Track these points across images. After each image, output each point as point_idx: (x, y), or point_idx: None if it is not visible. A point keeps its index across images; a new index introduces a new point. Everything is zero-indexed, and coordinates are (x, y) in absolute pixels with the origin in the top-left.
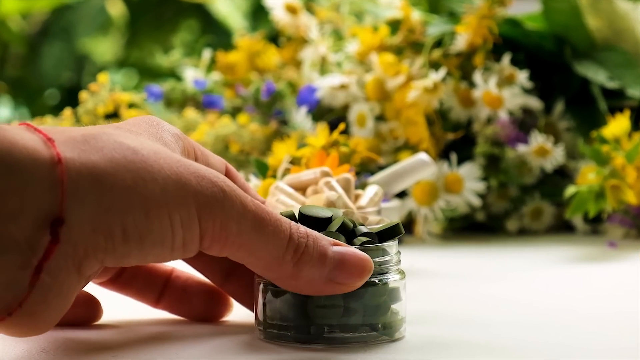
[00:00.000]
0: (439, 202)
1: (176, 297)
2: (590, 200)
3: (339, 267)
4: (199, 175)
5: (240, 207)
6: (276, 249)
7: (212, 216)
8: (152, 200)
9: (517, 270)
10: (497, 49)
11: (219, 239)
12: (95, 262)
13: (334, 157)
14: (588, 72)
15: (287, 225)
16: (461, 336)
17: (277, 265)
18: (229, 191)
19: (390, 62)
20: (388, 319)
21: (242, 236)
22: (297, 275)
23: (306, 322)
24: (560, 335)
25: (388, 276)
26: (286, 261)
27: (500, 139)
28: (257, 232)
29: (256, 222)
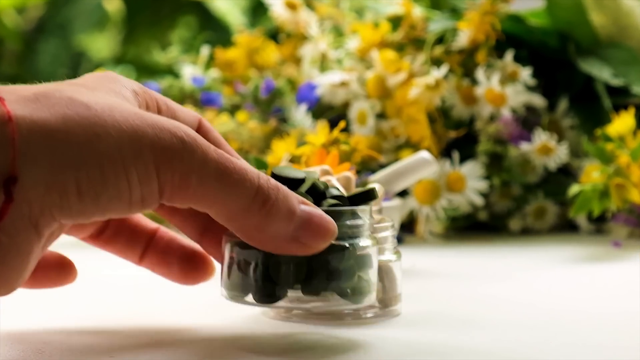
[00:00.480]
0: (440, 201)
1: (157, 258)
2: (594, 199)
3: (304, 226)
4: (157, 126)
5: (201, 156)
6: (242, 199)
7: (171, 168)
8: (106, 155)
9: (520, 270)
10: (499, 46)
11: (179, 191)
12: (51, 220)
13: (334, 155)
14: (592, 69)
15: (255, 175)
16: (463, 337)
17: (242, 215)
18: (189, 141)
19: (391, 58)
20: (355, 284)
21: (205, 187)
22: (263, 228)
23: (270, 283)
24: (563, 335)
25: (357, 241)
26: (253, 211)
27: (503, 137)
28: (221, 182)
29: (219, 171)
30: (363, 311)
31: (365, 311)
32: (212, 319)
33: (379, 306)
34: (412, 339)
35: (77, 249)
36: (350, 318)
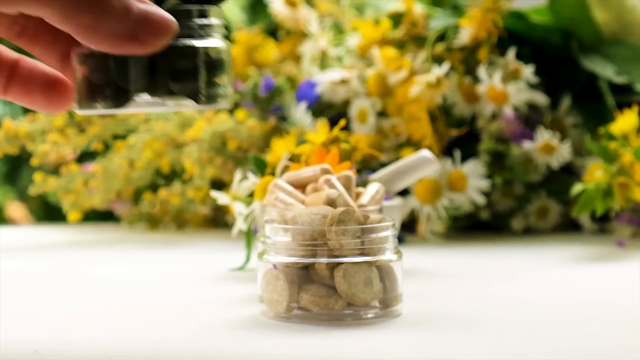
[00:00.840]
0: (442, 201)
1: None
2: (597, 199)
3: (141, 23)
4: None
5: None
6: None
7: None
8: None
9: (522, 271)
10: (501, 43)
11: None
12: None
13: (334, 154)
14: (595, 66)
15: None
16: (465, 338)
17: (75, 15)
18: None
19: (392, 56)
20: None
21: None
22: (97, 26)
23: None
24: (566, 336)
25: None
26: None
27: (505, 136)
28: None
29: None
30: (364, 312)
31: (366, 312)
32: (210, 318)
33: (379, 307)
34: (413, 340)
35: (68, 249)
36: (350, 319)
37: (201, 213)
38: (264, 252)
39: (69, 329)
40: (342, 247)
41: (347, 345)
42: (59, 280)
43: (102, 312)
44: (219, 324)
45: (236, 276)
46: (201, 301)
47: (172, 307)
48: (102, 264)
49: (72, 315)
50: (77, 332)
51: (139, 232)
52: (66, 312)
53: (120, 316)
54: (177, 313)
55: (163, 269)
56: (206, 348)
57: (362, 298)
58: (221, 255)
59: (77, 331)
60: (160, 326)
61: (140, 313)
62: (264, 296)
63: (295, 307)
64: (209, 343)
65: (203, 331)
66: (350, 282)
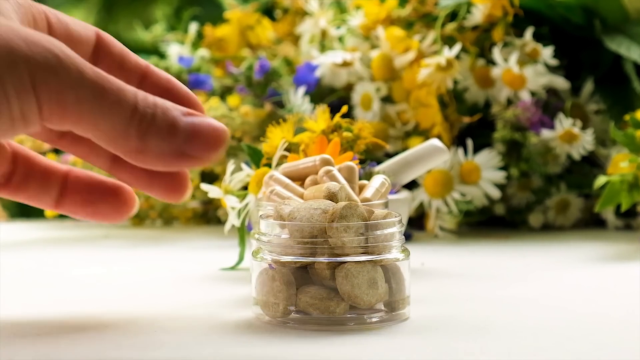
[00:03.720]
0: (453, 194)
1: (80, 199)
2: (622, 192)
3: (190, 138)
4: (30, 40)
5: (77, 74)
6: (119, 121)
7: (47, 84)
8: None
9: (540, 270)
10: (518, 22)
11: (57, 109)
12: None
13: (335, 143)
14: (620, 48)
15: (132, 95)
16: (476, 345)
17: (122, 138)
18: (64, 57)
19: (398, 36)
20: None
21: (82, 106)
22: (144, 150)
23: None
24: (588, 342)
25: None
26: (131, 134)
27: (521, 123)
28: (97, 102)
29: (95, 90)
30: (368, 315)
31: (370, 315)
32: (199, 323)
33: (384, 310)
34: (420, 346)
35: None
36: (353, 323)
37: (190, 207)
38: (258, 250)
39: (45, 336)
40: (344, 245)
41: (350, 352)
42: (34, 281)
43: (82, 316)
44: (209, 329)
45: (228, 276)
46: (190, 304)
47: (158, 311)
48: (82, 263)
49: (49, 321)
50: (54, 338)
51: (122, 228)
52: (43, 317)
53: (101, 321)
54: (164, 317)
55: (148, 268)
56: (195, 355)
57: (366, 300)
58: (212, 253)
59: (54, 338)
60: (146, 332)
61: (124, 318)
62: (259, 298)
63: (293, 310)
64: (198, 350)
65: (191, 337)
66: (353, 283)
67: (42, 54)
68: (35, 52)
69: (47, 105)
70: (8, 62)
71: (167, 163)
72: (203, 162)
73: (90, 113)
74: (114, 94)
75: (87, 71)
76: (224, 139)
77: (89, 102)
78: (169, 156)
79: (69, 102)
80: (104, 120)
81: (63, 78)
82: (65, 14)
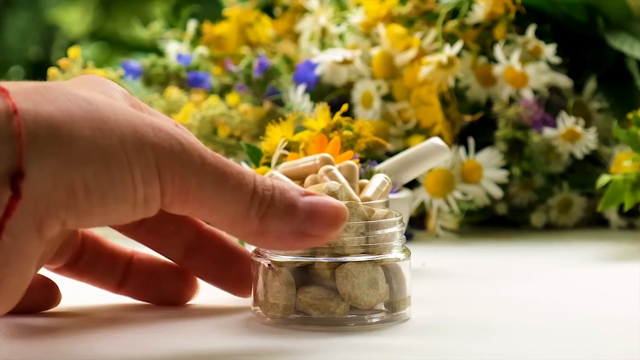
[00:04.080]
0: (454, 193)
1: (142, 281)
2: (625, 191)
3: (309, 218)
4: (156, 127)
5: (199, 160)
6: (239, 204)
7: (171, 170)
8: (111, 152)
9: (543, 271)
10: (520, 20)
11: (179, 194)
12: (56, 222)
13: (335, 142)
14: (623, 45)
15: (251, 178)
16: (479, 346)
17: (242, 222)
18: (187, 144)
19: (399, 34)
20: None
21: (203, 191)
22: (264, 231)
23: None
24: (592, 342)
25: None
26: (251, 217)
27: (524, 122)
28: (218, 187)
29: (217, 175)
30: (368, 316)
31: (370, 316)
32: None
33: (385, 310)
34: (422, 347)
35: None
36: (354, 324)
37: None
38: (257, 250)
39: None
40: (345, 245)
41: (350, 352)
42: None
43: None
44: (207, 330)
45: None
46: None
47: (156, 311)
48: None
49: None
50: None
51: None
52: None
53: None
54: (161, 318)
55: None
56: (194, 356)
57: (367, 301)
58: None
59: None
60: (144, 332)
61: (122, 317)
62: (258, 299)
63: (293, 311)
64: (196, 351)
65: (189, 338)
66: (354, 283)
67: (167, 140)
68: (161, 139)
69: (170, 191)
70: (137, 148)
71: (288, 243)
72: (323, 240)
73: (212, 198)
74: (234, 178)
75: (208, 157)
76: (343, 216)
77: (210, 187)
78: (289, 236)
79: (192, 188)
80: (225, 205)
81: (187, 165)
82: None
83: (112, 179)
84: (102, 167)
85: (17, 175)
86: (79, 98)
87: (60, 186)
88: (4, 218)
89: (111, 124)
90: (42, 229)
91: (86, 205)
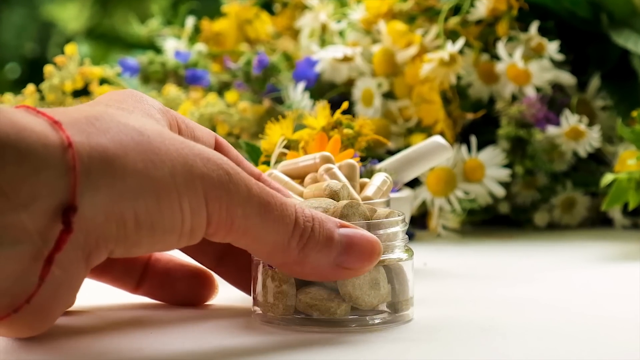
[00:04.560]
0: (456, 192)
1: (158, 282)
2: (630, 190)
3: (345, 251)
4: (204, 157)
5: (246, 190)
6: (281, 235)
7: (219, 200)
8: (162, 185)
9: (546, 271)
10: (523, 16)
11: (224, 224)
12: (104, 253)
13: (336, 140)
14: (628, 42)
15: (293, 209)
16: (482, 346)
17: (282, 252)
18: (234, 174)
19: (400, 31)
20: None
21: (248, 221)
22: (302, 262)
23: None
24: (595, 343)
25: None
26: (292, 247)
27: (526, 120)
28: (263, 217)
29: (262, 206)
30: (370, 317)
31: (372, 317)
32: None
33: (387, 311)
34: (425, 348)
35: None
36: (355, 325)
37: None
38: None
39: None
40: None
41: (352, 354)
42: None
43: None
44: (206, 331)
45: None
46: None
47: (152, 313)
48: None
49: None
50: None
51: None
52: None
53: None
54: (159, 319)
55: None
56: (193, 357)
57: (368, 302)
58: None
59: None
60: (140, 334)
61: (119, 319)
62: (258, 299)
63: (293, 312)
64: (195, 351)
65: (188, 339)
66: (355, 283)
67: (215, 171)
68: (210, 169)
69: (216, 221)
70: (186, 180)
71: (324, 275)
72: (358, 273)
73: (256, 228)
74: (277, 209)
75: (253, 187)
76: (378, 250)
77: (255, 218)
78: (325, 268)
79: (237, 218)
80: (268, 235)
81: (233, 195)
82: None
83: (162, 212)
84: (152, 200)
85: (70, 209)
86: (129, 128)
87: (111, 220)
88: (54, 251)
89: (162, 155)
90: (90, 259)
91: (135, 237)
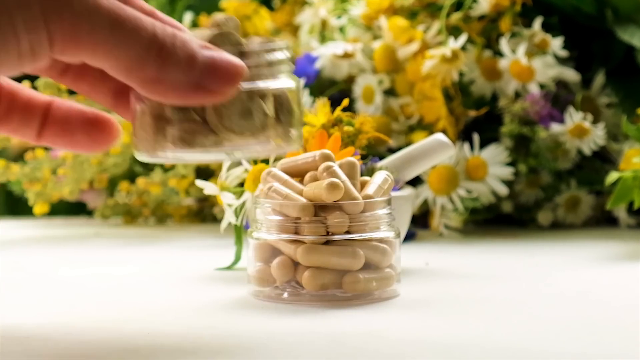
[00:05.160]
0: (458, 191)
1: (59, 129)
2: (635, 189)
3: (208, 71)
4: None
5: (92, 4)
6: (136, 48)
7: (60, 16)
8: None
9: (550, 270)
10: (526, 12)
11: (70, 41)
12: None
13: (336, 138)
14: (633, 38)
15: (150, 24)
16: (484, 346)
17: (139, 67)
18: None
19: (401, 27)
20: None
21: (97, 35)
22: (162, 79)
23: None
24: (601, 344)
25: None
26: (149, 62)
27: (530, 117)
28: (114, 30)
29: (112, 18)
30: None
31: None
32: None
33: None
34: (425, 347)
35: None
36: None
37: (185, 205)
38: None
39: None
40: None
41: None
42: (23, 281)
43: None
44: (204, 332)
45: (224, 277)
46: (184, 305)
47: (151, 313)
48: (71, 263)
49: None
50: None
51: (114, 226)
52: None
53: (92, 323)
54: (157, 319)
55: (140, 269)
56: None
57: (238, 131)
58: (207, 253)
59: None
60: (138, 335)
61: (115, 319)
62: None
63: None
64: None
65: (186, 339)
66: (222, 112)
67: None
68: None
69: (60, 38)
70: None
71: (183, 95)
72: (218, 96)
73: (105, 43)
74: (130, 21)
75: (102, 1)
76: (241, 73)
77: (105, 31)
78: (185, 88)
79: (84, 33)
80: (121, 49)
81: (77, 9)
82: None
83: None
84: None
85: None
86: None
87: None
88: None
89: None
90: None
91: None
